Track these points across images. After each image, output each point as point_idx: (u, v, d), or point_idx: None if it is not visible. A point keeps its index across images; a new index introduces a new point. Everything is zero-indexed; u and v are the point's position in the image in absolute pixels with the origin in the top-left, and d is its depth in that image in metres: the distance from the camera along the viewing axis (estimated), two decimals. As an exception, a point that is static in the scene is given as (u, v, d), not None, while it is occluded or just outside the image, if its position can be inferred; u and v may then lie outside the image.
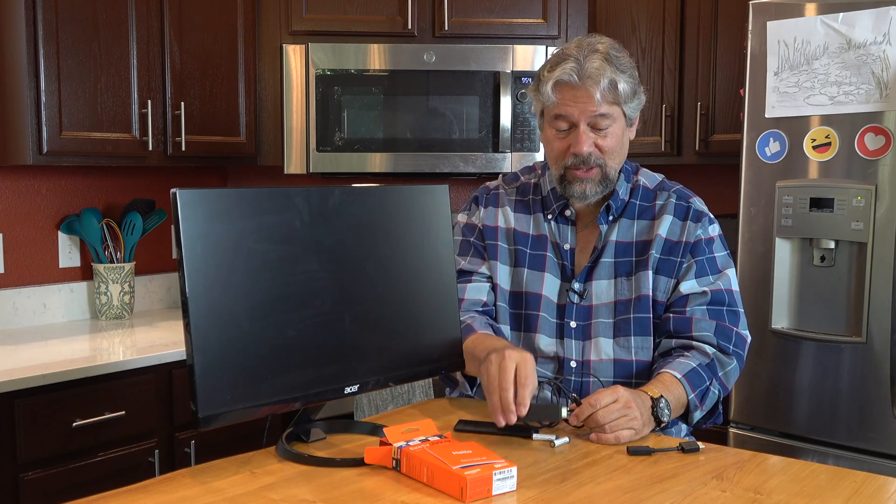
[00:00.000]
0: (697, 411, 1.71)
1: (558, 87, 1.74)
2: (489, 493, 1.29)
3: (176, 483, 1.35)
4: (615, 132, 1.77)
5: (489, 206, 1.93)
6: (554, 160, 1.81)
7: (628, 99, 1.76)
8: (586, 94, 1.72)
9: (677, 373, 1.68)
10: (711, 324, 1.75)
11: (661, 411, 1.60)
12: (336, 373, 1.48)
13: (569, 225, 1.86)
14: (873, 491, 1.35)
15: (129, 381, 2.41)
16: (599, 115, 1.73)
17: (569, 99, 1.73)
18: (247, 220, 1.38)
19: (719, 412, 1.80)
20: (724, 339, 1.76)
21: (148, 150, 2.80)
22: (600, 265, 1.81)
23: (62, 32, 2.58)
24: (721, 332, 1.76)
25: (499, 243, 1.89)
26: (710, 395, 1.72)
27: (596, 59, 1.71)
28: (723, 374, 1.75)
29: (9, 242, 2.87)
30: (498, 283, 1.87)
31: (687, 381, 1.68)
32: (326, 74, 3.05)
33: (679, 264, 1.78)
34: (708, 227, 1.82)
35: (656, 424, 1.61)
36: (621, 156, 1.81)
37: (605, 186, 1.79)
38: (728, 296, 1.79)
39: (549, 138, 1.81)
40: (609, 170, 1.78)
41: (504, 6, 3.16)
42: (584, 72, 1.71)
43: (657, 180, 1.88)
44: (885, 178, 2.24)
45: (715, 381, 1.73)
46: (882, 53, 2.22)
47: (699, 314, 1.76)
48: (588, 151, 1.75)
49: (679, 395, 1.67)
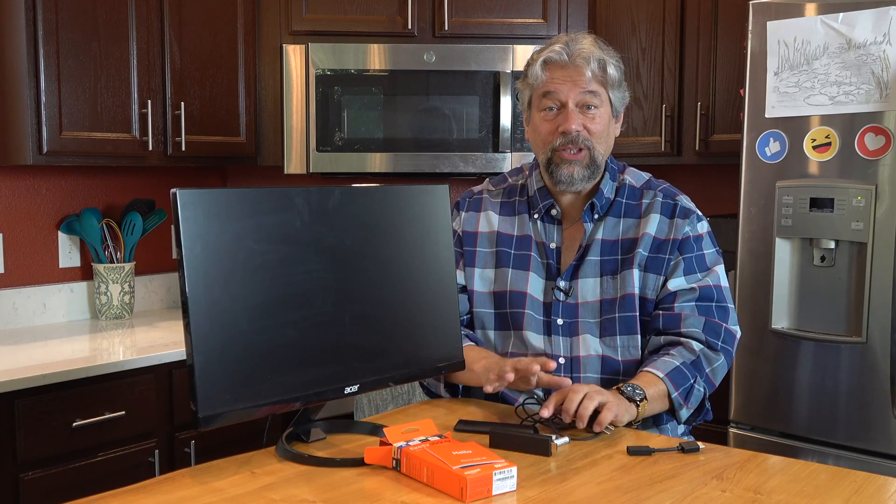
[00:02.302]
0: (683, 409, 1.71)
1: (547, 66, 1.76)
2: (489, 493, 1.29)
3: (176, 483, 1.35)
4: (602, 116, 1.78)
5: (470, 210, 1.94)
6: (541, 144, 1.81)
7: (615, 85, 1.78)
8: (576, 72, 1.74)
9: (659, 372, 1.68)
10: (700, 320, 1.75)
11: (630, 392, 1.60)
12: (336, 373, 1.48)
13: (555, 224, 1.86)
14: (873, 491, 1.35)
15: (129, 381, 2.41)
16: (589, 91, 1.75)
17: (558, 77, 1.76)
18: (247, 220, 1.38)
19: (707, 409, 1.79)
20: (713, 335, 1.75)
21: (148, 150, 2.80)
22: (586, 263, 1.81)
23: (62, 32, 2.58)
24: (709, 327, 1.75)
25: (477, 249, 1.90)
26: (694, 392, 1.71)
27: (585, 42, 1.76)
28: (710, 370, 1.74)
29: (9, 242, 2.87)
30: (475, 289, 1.87)
31: (669, 380, 1.68)
32: (326, 74, 3.05)
33: (667, 261, 1.78)
34: (696, 224, 1.82)
35: (635, 404, 1.60)
36: (607, 144, 1.82)
37: (593, 172, 1.80)
38: (717, 292, 1.79)
39: (536, 123, 1.82)
40: (596, 154, 1.78)
41: (504, 6, 3.16)
42: (574, 52, 1.75)
43: (643, 179, 1.88)
44: (885, 178, 2.24)
45: (700, 379, 1.72)
46: (882, 53, 2.22)
47: (688, 310, 1.76)
48: (576, 129, 1.75)
49: (659, 389, 1.66)
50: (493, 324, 1.86)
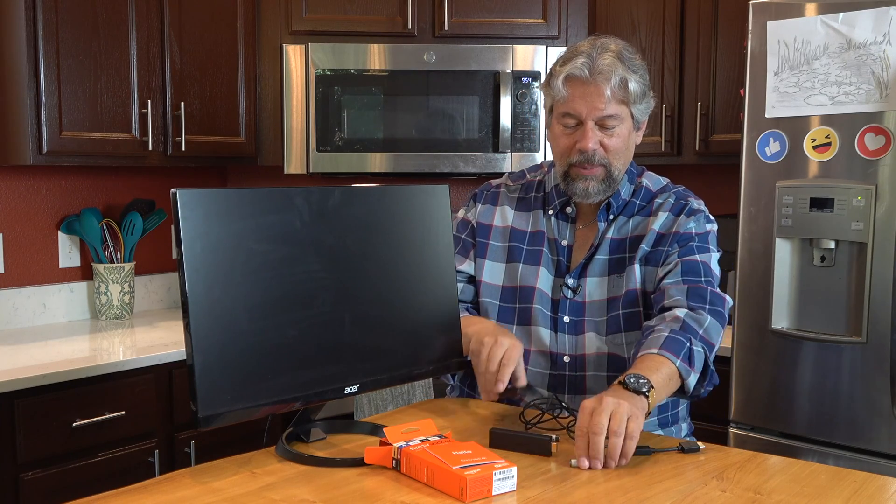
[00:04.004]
0: (691, 375, 1.61)
1: (569, 82, 1.75)
2: (489, 493, 1.29)
3: (176, 483, 1.35)
4: (622, 133, 1.77)
5: (487, 203, 1.95)
6: (559, 156, 1.82)
7: (637, 100, 1.76)
8: (596, 91, 1.72)
9: (654, 349, 1.59)
10: (683, 288, 1.70)
11: (633, 383, 1.49)
12: (336, 373, 1.48)
13: (568, 222, 1.86)
14: (873, 491, 1.35)
15: (129, 381, 2.42)
16: (607, 115, 1.73)
17: (578, 94, 1.74)
18: (247, 220, 1.38)
19: (712, 371, 1.68)
20: (697, 300, 1.69)
21: (148, 150, 2.80)
22: (594, 262, 1.81)
23: (62, 32, 2.58)
24: (694, 292, 1.70)
25: (490, 241, 1.90)
26: (695, 354, 1.62)
27: (608, 56, 1.73)
28: (702, 331, 1.66)
29: (9, 242, 2.87)
30: (483, 279, 1.88)
31: (667, 351, 1.59)
32: (326, 74, 3.05)
33: (665, 253, 1.77)
34: (704, 223, 1.81)
35: (643, 396, 1.49)
36: (626, 157, 1.81)
37: (609, 186, 1.80)
38: (704, 267, 1.74)
39: (556, 134, 1.81)
40: (613, 170, 1.78)
41: (504, 6, 3.16)
42: (596, 67, 1.72)
43: (661, 184, 1.89)
44: (885, 178, 2.24)
45: (695, 340, 1.63)
46: (882, 53, 2.22)
47: (671, 283, 1.72)
48: (593, 149, 1.75)
49: (662, 370, 1.56)
50: (506, 317, 1.86)
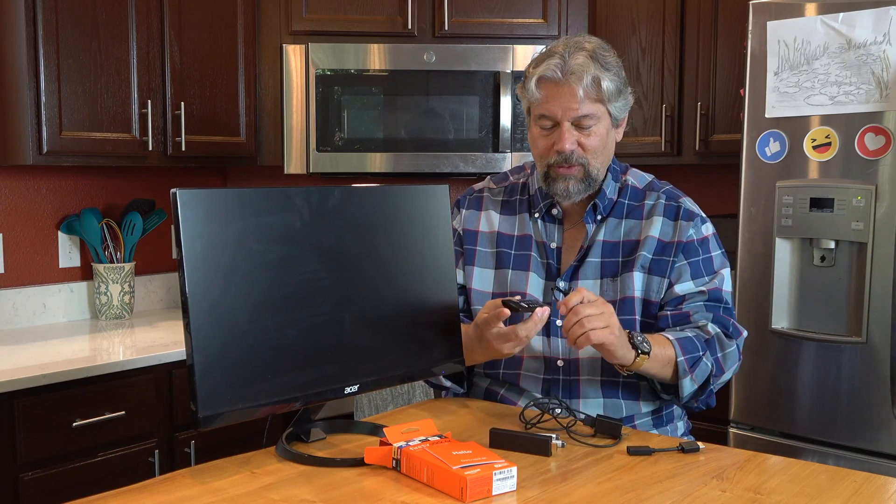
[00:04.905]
0: (687, 378, 1.68)
1: (542, 83, 1.74)
2: (489, 493, 1.29)
3: (176, 483, 1.35)
4: (599, 131, 1.76)
5: (471, 208, 1.94)
6: (539, 158, 1.81)
7: (613, 97, 1.75)
8: (569, 91, 1.71)
9: (669, 335, 1.69)
10: (709, 315, 1.76)
11: (638, 341, 1.62)
12: (336, 373, 1.48)
13: (555, 224, 1.86)
14: (873, 491, 1.35)
15: (129, 381, 2.41)
16: (582, 115, 1.73)
17: (552, 96, 1.73)
18: (247, 220, 1.38)
19: (711, 391, 1.75)
20: (723, 328, 1.76)
21: (148, 151, 2.80)
22: (586, 264, 1.80)
23: (62, 32, 2.58)
24: (719, 321, 1.76)
25: (478, 248, 1.89)
26: (701, 365, 1.69)
27: (580, 56, 1.72)
28: (721, 354, 1.73)
29: (9, 242, 2.87)
30: (473, 287, 1.87)
31: (678, 344, 1.68)
32: (326, 74, 3.05)
33: (671, 264, 1.78)
34: (701, 226, 1.81)
35: (635, 352, 1.62)
36: (606, 156, 1.81)
37: (589, 185, 1.79)
38: (725, 296, 1.80)
39: (534, 136, 1.81)
40: (592, 169, 1.77)
41: (504, 6, 3.16)
42: (568, 68, 1.71)
43: (646, 180, 1.88)
44: (885, 178, 2.24)
45: (709, 355, 1.71)
46: (882, 53, 2.22)
47: (696, 308, 1.76)
48: (570, 149, 1.74)
49: (666, 352, 1.67)
50: None
